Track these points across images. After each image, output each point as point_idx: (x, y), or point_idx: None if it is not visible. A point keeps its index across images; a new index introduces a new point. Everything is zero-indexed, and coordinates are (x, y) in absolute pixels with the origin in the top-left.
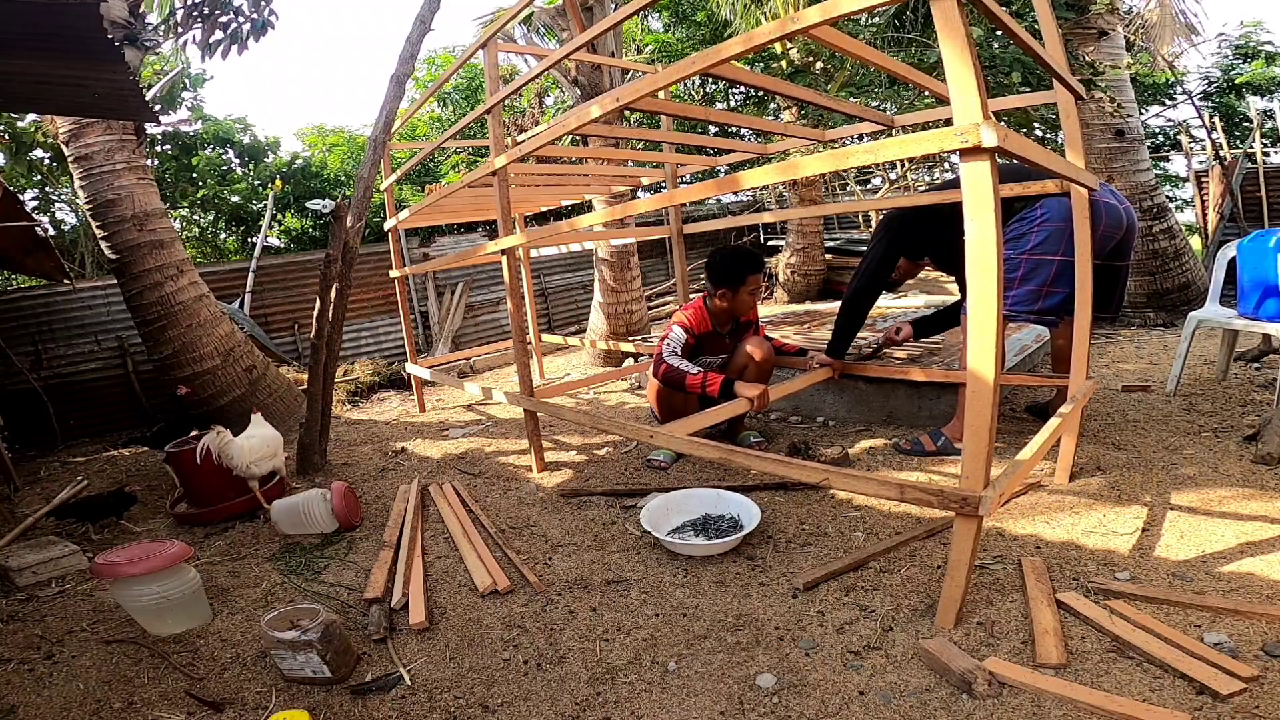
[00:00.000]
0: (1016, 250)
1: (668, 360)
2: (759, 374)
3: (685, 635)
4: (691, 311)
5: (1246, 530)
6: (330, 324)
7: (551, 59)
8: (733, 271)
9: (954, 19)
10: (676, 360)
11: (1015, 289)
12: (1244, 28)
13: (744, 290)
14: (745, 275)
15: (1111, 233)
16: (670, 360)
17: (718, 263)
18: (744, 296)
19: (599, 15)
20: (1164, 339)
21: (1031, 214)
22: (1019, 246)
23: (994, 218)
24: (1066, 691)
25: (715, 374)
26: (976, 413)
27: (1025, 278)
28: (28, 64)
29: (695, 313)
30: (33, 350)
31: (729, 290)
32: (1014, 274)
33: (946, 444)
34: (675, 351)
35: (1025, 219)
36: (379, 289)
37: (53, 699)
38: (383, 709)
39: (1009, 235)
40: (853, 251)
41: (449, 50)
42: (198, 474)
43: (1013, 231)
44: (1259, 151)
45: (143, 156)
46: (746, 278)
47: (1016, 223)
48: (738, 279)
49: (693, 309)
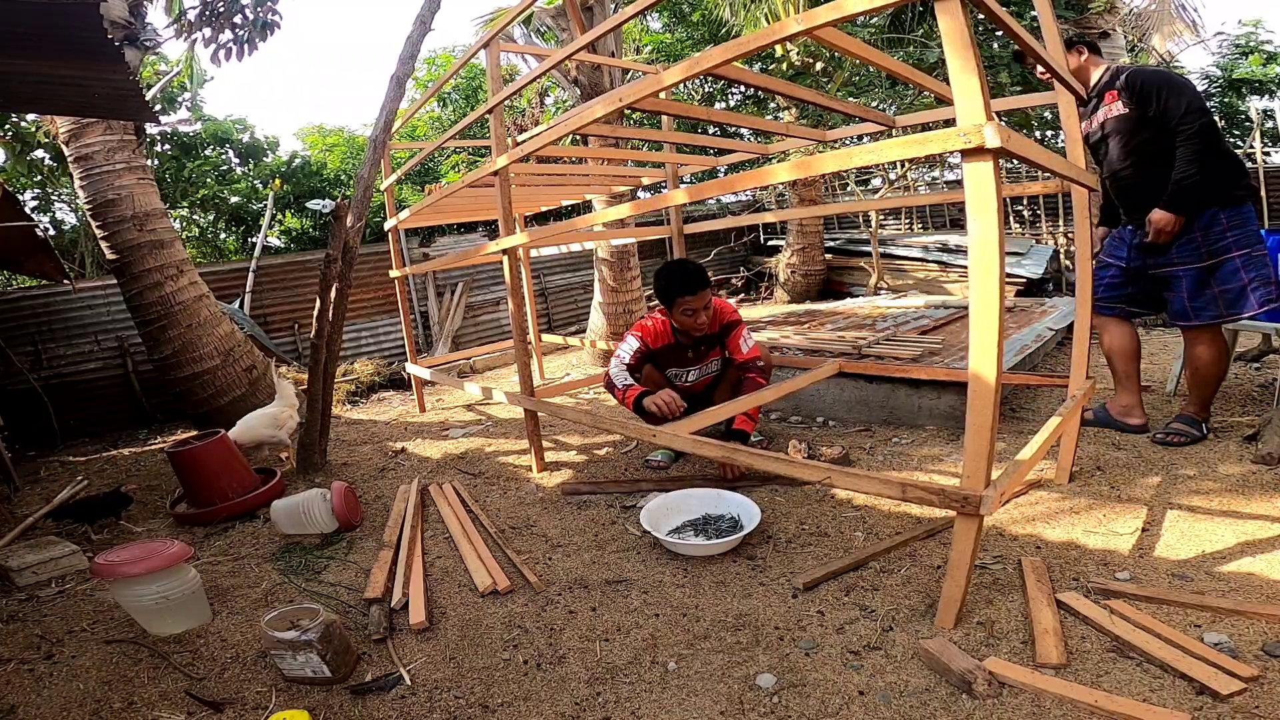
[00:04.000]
0: (1255, 248)
1: (610, 369)
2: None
3: (685, 635)
4: (653, 321)
5: (1246, 530)
6: (330, 324)
7: (554, 59)
8: (663, 291)
9: (958, 20)
10: (616, 370)
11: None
12: (1243, 26)
13: (676, 311)
14: (674, 297)
15: None
16: (611, 370)
17: (656, 281)
18: (679, 317)
19: (599, 16)
20: (1164, 339)
21: (1248, 209)
22: (1255, 243)
23: (996, 218)
24: (1066, 691)
25: (635, 389)
26: (977, 412)
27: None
28: (28, 64)
29: (656, 323)
30: (33, 350)
31: (665, 309)
32: (1260, 271)
33: (1106, 417)
34: (622, 361)
35: (1244, 214)
36: (379, 289)
37: (53, 699)
38: (383, 709)
39: (1233, 228)
40: (853, 251)
41: (449, 50)
42: (198, 474)
43: (1242, 228)
44: (1259, 151)
45: (143, 156)
46: (675, 299)
47: (1237, 217)
48: (667, 300)
49: (653, 319)
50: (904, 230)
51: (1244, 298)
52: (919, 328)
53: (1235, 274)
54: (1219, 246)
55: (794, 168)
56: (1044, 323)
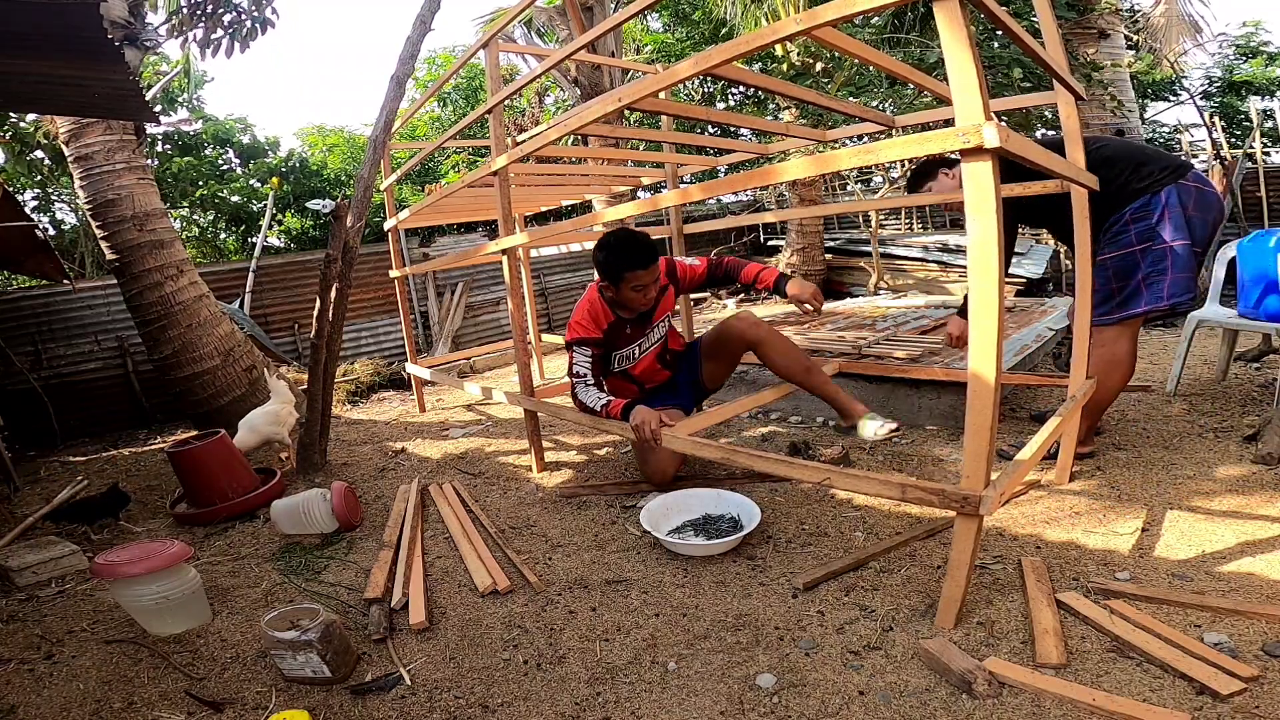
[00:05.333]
0: (1154, 241)
1: (578, 396)
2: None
3: (685, 635)
4: (586, 309)
5: (1246, 530)
6: (330, 324)
7: (554, 59)
8: (608, 266)
9: (956, 20)
10: (584, 393)
11: (1170, 277)
12: (1245, 27)
13: (625, 287)
14: (622, 272)
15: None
16: (580, 396)
17: (598, 254)
18: (628, 293)
19: (599, 15)
20: (1164, 339)
21: (1155, 201)
22: (1156, 237)
23: (995, 218)
24: (1066, 691)
25: (617, 402)
26: (977, 412)
27: (1175, 266)
28: (28, 64)
29: (590, 308)
30: (33, 350)
31: (610, 285)
32: (1160, 265)
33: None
34: (586, 382)
35: (1148, 207)
36: (379, 289)
37: (53, 699)
38: (383, 709)
39: (1121, 229)
40: (853, 251)
41: (449, 50)
42: (198, 474)
43: (1138, 224)
44: (1259, 151)
45: (143, 156)
46: (624, 274)
47: (1137, 211)
48: (614, 276)
49: (585, 305)
50: (904, 230)
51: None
52: (919, 328)
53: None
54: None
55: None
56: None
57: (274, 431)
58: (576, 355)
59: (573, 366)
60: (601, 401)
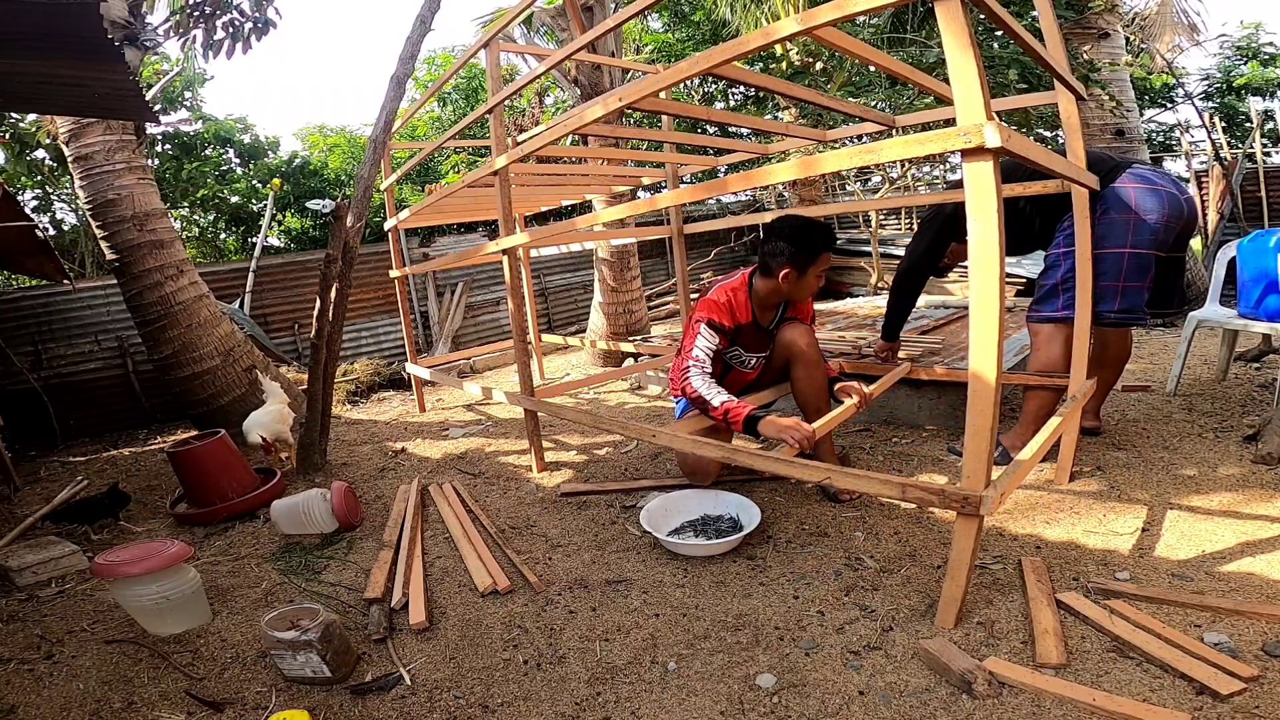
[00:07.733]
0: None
1: (691, 380)
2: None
3: (685, 635)
4: (728, 297)
5: (1246, 530)
6: (330, 324)
7: (554, 59)
8: (805, 246)
9: (958, 19)
10: (700, 381)
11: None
12: (1244, 29)
13: (810, 273)
14: (817, 254)
15: (1173, 223)
16: (694, 381)
17: (789, 231)
18: (810, 280)
19: (599, 16)
20: (1164, 339)
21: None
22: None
23: (996, 218)
24: (1066, 691)
25: (740, 406)
26: (978, 412)
27: (1097, 275)
28: (28, 64)
29: (733, 297)
30: (33, 350)
31: (794, 270)
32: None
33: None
34: (704, 367)
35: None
36: (379, 289)
37: (53, 699)
38: (383, 709)
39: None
40: (853, 251)
41: (449, 50)
42: (198, 474)
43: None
44: (1259, 151)
45: (143, 156)
46: (817, 256)
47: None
48: (806, 259)
49: (728, 292)
50: (904, 230)
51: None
52: (919, 328)
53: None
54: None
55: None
56: None
57: (281, 431)
58: (702, 336)
59: (693, 346)
60: (720, 399)
